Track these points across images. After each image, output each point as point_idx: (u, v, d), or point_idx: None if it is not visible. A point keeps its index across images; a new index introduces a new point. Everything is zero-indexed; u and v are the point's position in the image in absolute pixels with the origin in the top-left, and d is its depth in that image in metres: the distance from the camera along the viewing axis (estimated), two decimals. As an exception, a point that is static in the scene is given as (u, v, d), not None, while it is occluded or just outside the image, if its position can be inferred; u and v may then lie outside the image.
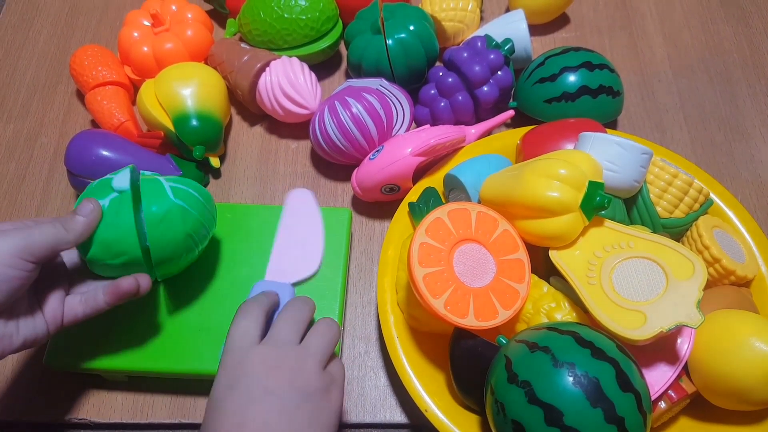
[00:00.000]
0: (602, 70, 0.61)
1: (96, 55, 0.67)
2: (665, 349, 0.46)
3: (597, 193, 0.46)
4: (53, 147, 0.67)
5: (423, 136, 0.56)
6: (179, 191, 0.46)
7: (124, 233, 0.43)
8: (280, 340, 0.41)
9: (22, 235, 0.39)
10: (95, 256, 0.44)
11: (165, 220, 0.45)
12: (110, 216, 0.44)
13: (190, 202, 0.46)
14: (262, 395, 0.37)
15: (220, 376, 0.40)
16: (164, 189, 0.46)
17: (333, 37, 0.68)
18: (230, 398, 0.38)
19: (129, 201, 0.44)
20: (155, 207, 0.45)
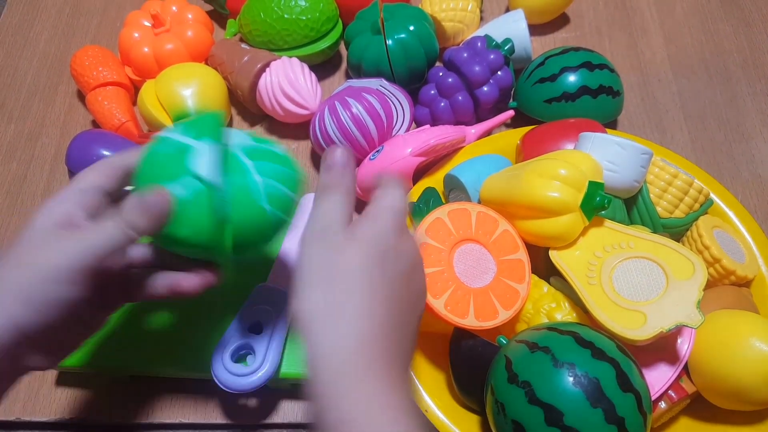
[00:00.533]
0: (602, 70, 0.61)
1: (97, 56, 0.67)
2: (665, 349, 0.46)
3: (597, 193, 0.46)
4: (54, 147, 0.67)
5: (423, 137, 0.56)
6: (266, 171, 0.38)
7: (203, 234, 0.36)
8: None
9: (80, 243, 0.32)
10: (166, 246, 0.38)
11: (253, 218, 0.38)
12: (189, 213, 0.36)
13: (278, 191, 0.38)
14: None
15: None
16: (251, 180, 0.37)
17: (333, 38, 0.68)
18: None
19: (215, 198, 0.36)
20: (243, 207, 0.37)
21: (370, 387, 0.29)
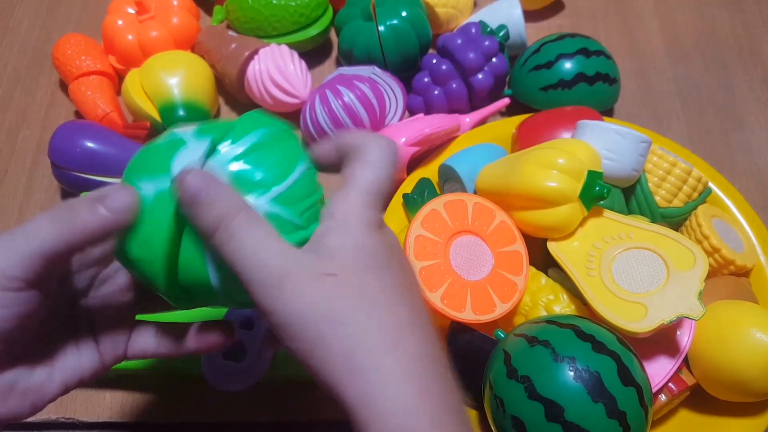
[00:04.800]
0: (599, 56, 0.60)
1: (79, 45, 0.65)
2: (665, 341, 0.45)
3: (596, 182, 0.45)
4: (36, 139, 0.65)
5: (417, 126, 0.55)
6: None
7: (154, 249, 0.28)
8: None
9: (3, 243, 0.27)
10: (124, 265, 0.30)
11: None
12: (147, 219, 0.28)
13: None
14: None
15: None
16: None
17: (323, 24, 0.66)
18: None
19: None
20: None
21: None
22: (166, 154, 0.29)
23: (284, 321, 0.26)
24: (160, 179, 0.28)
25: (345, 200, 0.28)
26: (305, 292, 0.26)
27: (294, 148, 0.30)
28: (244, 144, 0.29)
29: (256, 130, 0.29)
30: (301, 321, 0.25)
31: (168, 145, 0.29)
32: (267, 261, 0.26)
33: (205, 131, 0.29)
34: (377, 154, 0.30)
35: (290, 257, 0.26)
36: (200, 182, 0.26)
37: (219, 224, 0.26)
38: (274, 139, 0.30)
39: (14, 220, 0.60)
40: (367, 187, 0.29)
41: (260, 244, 0.26)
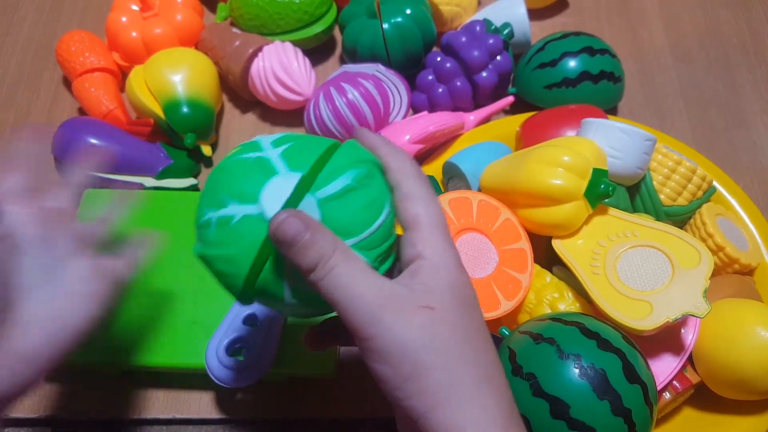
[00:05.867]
0: (603, 55, 0.60)
1: (83, 41, 0.65)
2: (670, 339, 0.45)
3: (601, 180, 0.45)
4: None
5: (421, 123, 0.55)
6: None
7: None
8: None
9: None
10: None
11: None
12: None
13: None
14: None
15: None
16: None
17: (327, 22, 0.66)
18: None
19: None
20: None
21: None
22: (255, 180, 0.29)
23: (385, 348, 0.27)
24: (248, 206, 0.29)
25: (423, 240, 0.30)
26: (407, 322, 0.27)
27: (381, 192, 0.31)
28: (336, 186, 0.29)
29: (349, 170, 0.30)
30: (402, 349, 0.27)
31: (257, 167, 0.30)
32: (366, 293, 0.27)
33: (295, 160, 0.30)
34: (416, 185, 0.31)
35: (387, 289, 0.28)
36: (298, 226, 0.27)
37: (317, 263, 0.27)
38: (365, 182, 0.30)
39: (18, 216, 0.60)
40: (436, 224, 0.30)
41: (358, 279, 0.28)
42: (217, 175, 0.31)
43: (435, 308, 0.28)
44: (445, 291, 0.29)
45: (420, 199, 0.31)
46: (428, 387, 0.27)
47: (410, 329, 0.27)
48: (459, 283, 0.30)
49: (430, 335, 0.27)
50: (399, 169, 0.32)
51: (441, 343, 0.27)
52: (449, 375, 0.27)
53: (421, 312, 0.28)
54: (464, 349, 0.28)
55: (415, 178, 0.31)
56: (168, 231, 0.52)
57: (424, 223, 0.30)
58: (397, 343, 0.27)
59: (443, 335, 0.28)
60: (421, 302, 0.28)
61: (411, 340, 0.27)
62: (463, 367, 0.28)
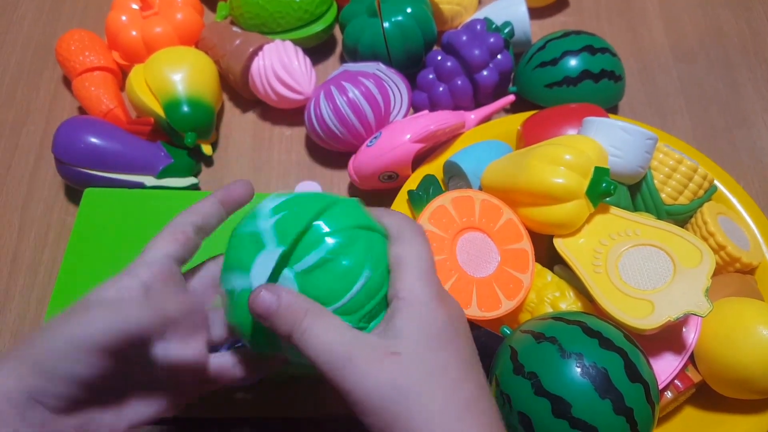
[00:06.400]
0: (604, 54, 0.60)
1: (83, 40, 0.65)
2: (671, 338, 0.45)
3: (603, 179, 0.45)
4: (40, 135, 0.65)
5: (422, 122, 0.55)
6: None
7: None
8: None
9: (105, 318, 0.29)
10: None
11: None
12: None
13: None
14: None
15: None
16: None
17: (328, 20, 0.66)
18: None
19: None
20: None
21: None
22: (248, 253, 0.32)
23: (358, 399, 0.28)
24: (243, 277, 0.32)
25: (403, 280, 0.31)
26: (376, 372, 0.28)
27: (359, 258, 0.32)
28: (311, 260, 0.31)
29: (323, 243, 0.32)
30: (374, 399, 0.28)
31: (250, 242, 0.33)
32: (332, 347, 0.29)
33: (283, 231, 0.32)
34: (403, 228, 0.33)
35: (354, 341, 0.29)
36: (269, 299, 0.30)
37: (291, 328, 0.30)
38: (340, 251, 0.32)
39: (18, 214, 0.60)
40: (417, 265, 0.32)
41: (326, 335, 0.29)
42: (228, 244, 0.34)
43: (401, 353, 0.29)
44: (414, 331, 0.30)
45: (402, 242, 0.32)
46: (410, 429, 0.28)
47: (379, 379, 0.28)
48: (430, 319, 0.30)
49: (400, 381, 0.28)
50: (392, 224, 0.34)
51: (413, 386, 0.28)
52: (427, 415, 0.28)
53: (388, 359, 0.29)
54: (438, 386, 0.29)
55: (399, 224, 0.33)
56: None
57: (405, 264, 0.32)
58: (371, 394, 0.28)
59: (414, 378, 0.28)
60: (389, 349, 0.29)
61: (383, 390, 0.28)
62: (440, 404, 0.28)
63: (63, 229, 0.59)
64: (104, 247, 0.51)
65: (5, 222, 0.60)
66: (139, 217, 0.53)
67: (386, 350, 0.29)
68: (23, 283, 0.57)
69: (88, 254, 0.51)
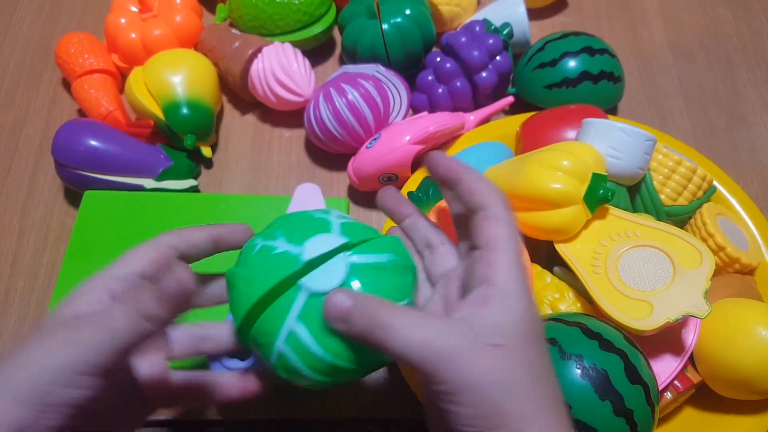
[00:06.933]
0: (603, 55, 0.60)
1: (82, 43, 0.65)
2: (671, 339, 0.45)
3: (600, 185, 0.45)
4: (39, 137, 0.65)
5: (422, 124, 0.55)
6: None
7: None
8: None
9: (85, 338, 0.27)
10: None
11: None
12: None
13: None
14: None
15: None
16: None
17: (327, 22, 0.66)
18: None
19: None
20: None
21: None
22: (309, 229, 0.33)
23: (457, 389, 0.27)
24: (293, 245, 0.32)
25: (499, 263, 0.30)
26: (479, 362, 0.28)
27: (407, 285, 0.33)
28: (370, 259, 0.32)
29: (389, 254, 0.33)
30: (479, 389, 0.27)
31: (317, 222, 0.34)
32: (426, 338, 0.28)
33: (349, 230, 0.34)
34: (502, 208, 0.32)
35: (449, 331, 0.28)
36: (343, 298, 0.30)
37: (372, 325, 0.29)
38: (397, 269, 0.33)
39: (17, 217, 0.60)
40: (515, 249, 0.31)
41: (415, 327, 0.28)
42: (283, 217, 0.35)
43: (504, 346, 0.28)
44: (513, 325, 0.29)
45: (503, 223, 0.31)
46: (503, 422, 0.27)
47: (483, 370, 0.27)
48: (527, 316, 0.29)
49: (503, 373, 0.28)
50: (484, 192, 0.32)
51: (515, 378, 0.28)
52: (524, 411, 0.27)
53: (492, 351, 0.28)
54: (536, 384, 0.28)
55: (501, 203, 0.32)
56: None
57: (503, 247, 0.30)
58: (474, 384, 0.27)
59: (517, 372, 0.28)
60: (490, 340, 0.28)
61: (486, 381, 0.27)
62: (536, 403, 0.28)
63: (63, 232, 0.59)
64: (104, 249, 0.51)
65: (5, 224, 0.60)
66: (138, 220, 0.53)
67: (489, 340, 0.28)
68: (23, 286, 0.57)
69: (88, 256, 0.51)
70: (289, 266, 0.31)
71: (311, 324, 0.31)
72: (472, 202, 0.32)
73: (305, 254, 0.31)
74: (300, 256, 0.31)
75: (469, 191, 0.32)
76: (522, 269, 0.30)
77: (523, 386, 0.28)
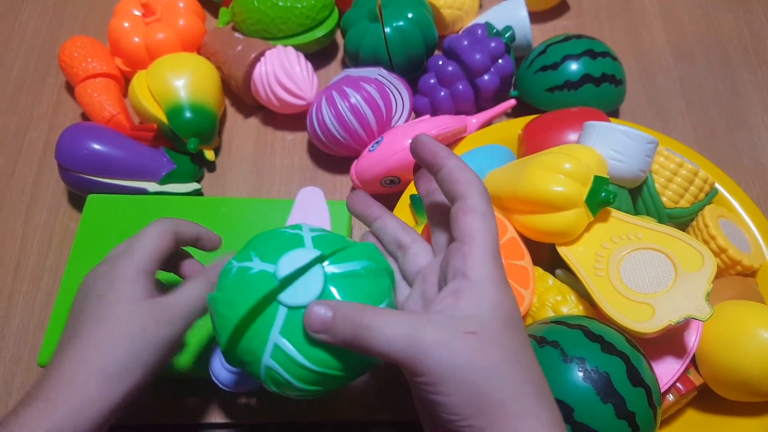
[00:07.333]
0: (605, 57, 0.60)
1: (86, 47, 0.65)
2: (673, 342, 0.45)
3: (602, 188, 0.45)
4: (43, 141, 0.66)
5: (423, 127, 0.55)
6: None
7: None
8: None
9: (183, 312, 0.37)
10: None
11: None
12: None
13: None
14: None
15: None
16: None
17: (329, 26, 0.66)
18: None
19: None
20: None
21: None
22: (282, 247, 0.34)
23: (438, 379, 0.28)
24: (267, 264, 0.33)
25: (473, 257, 0.30)
26: (456, 350, 0.28)
27: (385, 289, 0.34)
28: (345, 268, 0.33)
29: (362, 261, 0.34)
30: (458, 376, 0.28)
31: (289, 239, 0.34)
32: (404, 333, 0.29)
33: (322, 243, 0.34)
34: (481, 200, 0.32)
35: (425, 323, 0.29)
36: (323, 310, 0.30)
37: (353, 331, 0.29)
38: (372, 275, 0.34)
39: (21, 220, 0.61)
40: (490, 242, 0.31)
41: (393, 324, 0.29)
42: (256, 237, 0.35)
43: (479, 333, 0.29)
44: (487, 314, 0.29)
45: (480, 216, 0.31)
46: (487, 406, 0.28)
47: (461, 356, 0.28)
48: (501, 303, 0.30)
49: (481, 358, 0.28)
50: (466, 182, 0.32)
51: (494, 363, 0.28)
52: (506, 392, 0.28)
53: (467, 338, 0.28)
54: (515, 367, 0.29)
55: (480, 194, 0.32)
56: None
57: (478, 240, 0.31)
58: (451, 372, 0.28)
59: (494, 357, 0.28)
60: (464, 328, 0.29)
61: (464, 366, 0.28)
62: (516, 385, 0.28)
63: (66, 235, 0.60)
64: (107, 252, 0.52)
65: (9, 228, 0.60)
66: (142, 223, 0.52)
67: (464, 329, 0.29)
68: (27, 289, 0.57)
69: (91, 260, 0.51)
70: (266, 284, 0.32)
71: (294, 337, 0.31)
72: (451, 191, 0.32)
73: (280, 271, 0.32)
74: (275, 272, 0.32)
75: (449, 179, 0.32)
76: (497, 260, 0.31)
77: (502, 370, 0.28)
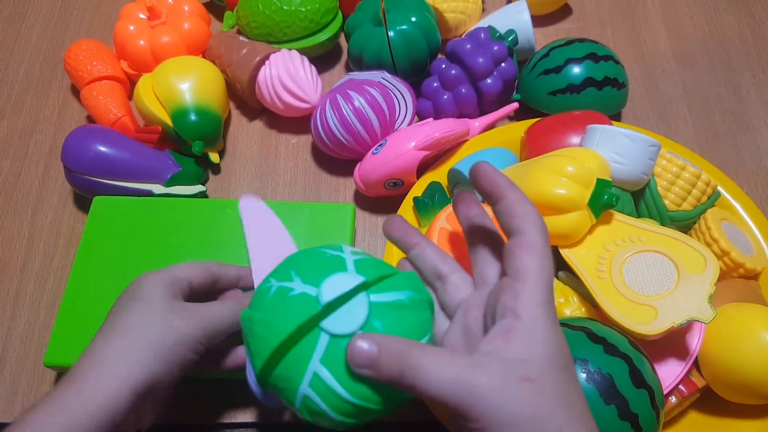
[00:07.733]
0: (607, 61, 0.60)
1: (91, 50, 0.66)
2: (675, 344, 0.45)
3: (605, 191, 0.46)
4: (49, 144, 0.66)
5: (427, 130, 0.56)
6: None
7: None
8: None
9: (203, 317, 0.38)
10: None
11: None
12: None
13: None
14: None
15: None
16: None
17: (333, 29, 0.67)
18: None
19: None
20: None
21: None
22: (325, 269, 0.33)
23: (492, 425, 0.27)
24: (309, 286, 0.32)
25: (526, 296, 0.29)
26: (511, 398, 0.27)
27: (427, 322, 0.33)
28: (390, 297, 0.32)
29: (407, 291, 0.33)
30: (510, 424, 0.27)
31: (332, 261, 0.34)
32: (457, 377, 0.28)
33: (365, 268, 0.33)
34: (539, 237, 0.31)
35: (478, 367, 0.28)
36: (368, 346, 0.29)
37: (401, 370, 0.29)
38: (416, 306, 0.33)
39: (27, 222, 0.61)
40: (544, 282, 0.30)
41: (443, 366, 0.28)
42: (297, 255, 0.35)
43: (535, 379, 0.28)
44: (542, 358, 0.29)
45: (537, 253, 0.30)
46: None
47: (517, 404, 0.27)
48: (553, 346, 0.29)
49: (536, 407, 0.27)
50: (524, 216, 0.31)
51: (546, 414, 0.27)
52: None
53: (523, 385, 0.28)
54: (569, 412, 0.28)
55: (539, 231, 0.31)
56: (177, 238, 0.52)
57: (532, 278, 0.30)
58: (507, 419, 0.27)
59: (549, 405, 0.28)
60: (520, 374, 0.28)
61: (520, 417, 0.27)
62: (570, 428, 0.28)
63: (72, 237, 0.60)
64: (113, 254, 0.52)
65: (15, 230, 0.61)
66: (147, 225, 0.53)
67: (518, 375, 0.28)
68: (33, 290, 0.57)
69: (97, 261, 0.52)
70: (308, 309, 0.31)
71: (335, 367, 0.30)
72: (509, 224, 0.32)
73: (323, 295, 0.31)
74: (318, 297, 0.31)
75: (508, 212, 0.32)
76: (551, 301, 0.30)
77: (557, 417, 0.28)
